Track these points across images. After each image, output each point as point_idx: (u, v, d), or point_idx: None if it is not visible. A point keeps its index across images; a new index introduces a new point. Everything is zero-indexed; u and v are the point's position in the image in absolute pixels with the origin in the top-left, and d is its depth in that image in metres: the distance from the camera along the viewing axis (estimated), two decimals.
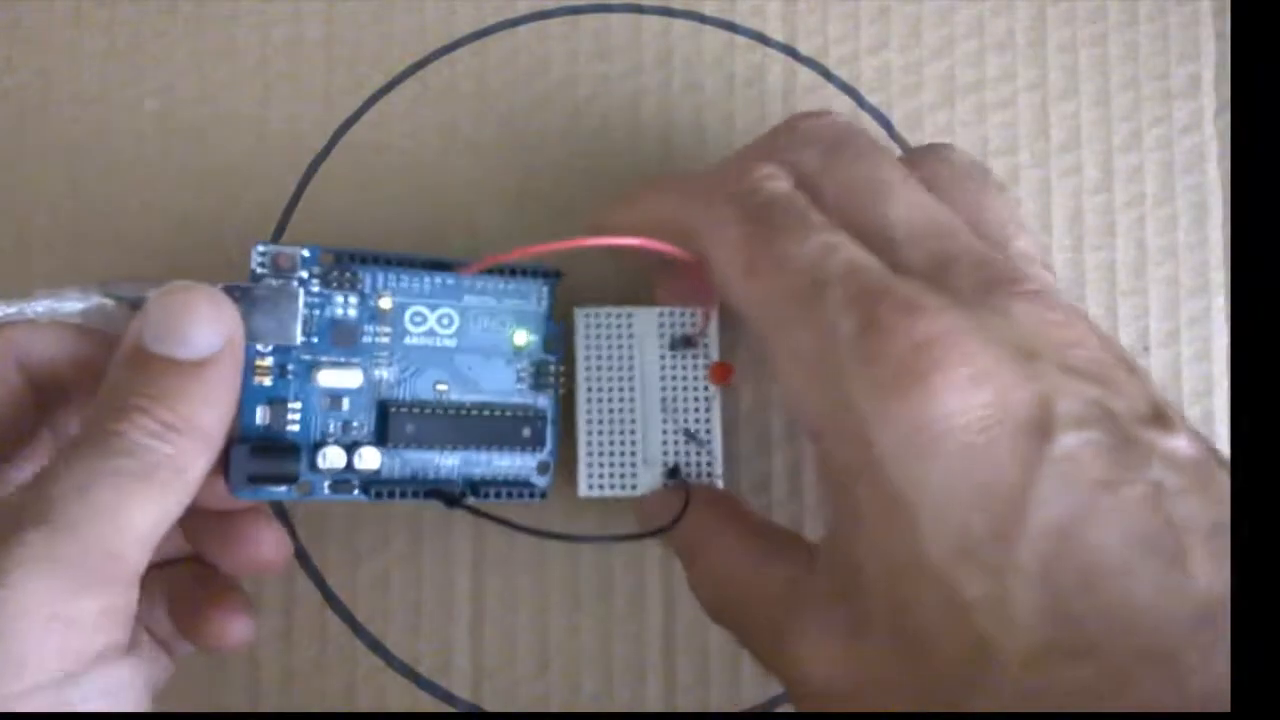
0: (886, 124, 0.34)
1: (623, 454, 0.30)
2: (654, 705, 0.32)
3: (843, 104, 0.34)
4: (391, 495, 0.28)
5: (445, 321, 0.29)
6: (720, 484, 0.30)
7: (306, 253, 0.27)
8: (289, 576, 0.32)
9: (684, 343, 0.30)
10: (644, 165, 0.33)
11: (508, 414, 0.29)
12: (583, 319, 0.30)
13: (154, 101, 0.32)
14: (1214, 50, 0.35)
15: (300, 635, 0.31)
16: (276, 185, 0.32)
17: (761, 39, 0.34)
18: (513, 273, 0.29)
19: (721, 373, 0.30)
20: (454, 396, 0.29)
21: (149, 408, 0.23)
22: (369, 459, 0.28)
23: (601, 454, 0.30)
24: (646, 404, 0.30)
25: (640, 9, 0.33)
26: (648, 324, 0.30)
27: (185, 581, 0.28)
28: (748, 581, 0.26)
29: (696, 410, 0.30)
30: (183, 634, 0.28)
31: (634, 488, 0.30)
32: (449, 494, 0.28)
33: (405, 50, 0.33)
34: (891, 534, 0.22)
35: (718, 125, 0.33)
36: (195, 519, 0.26)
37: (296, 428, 0.27)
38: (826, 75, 0.34)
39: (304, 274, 0.27)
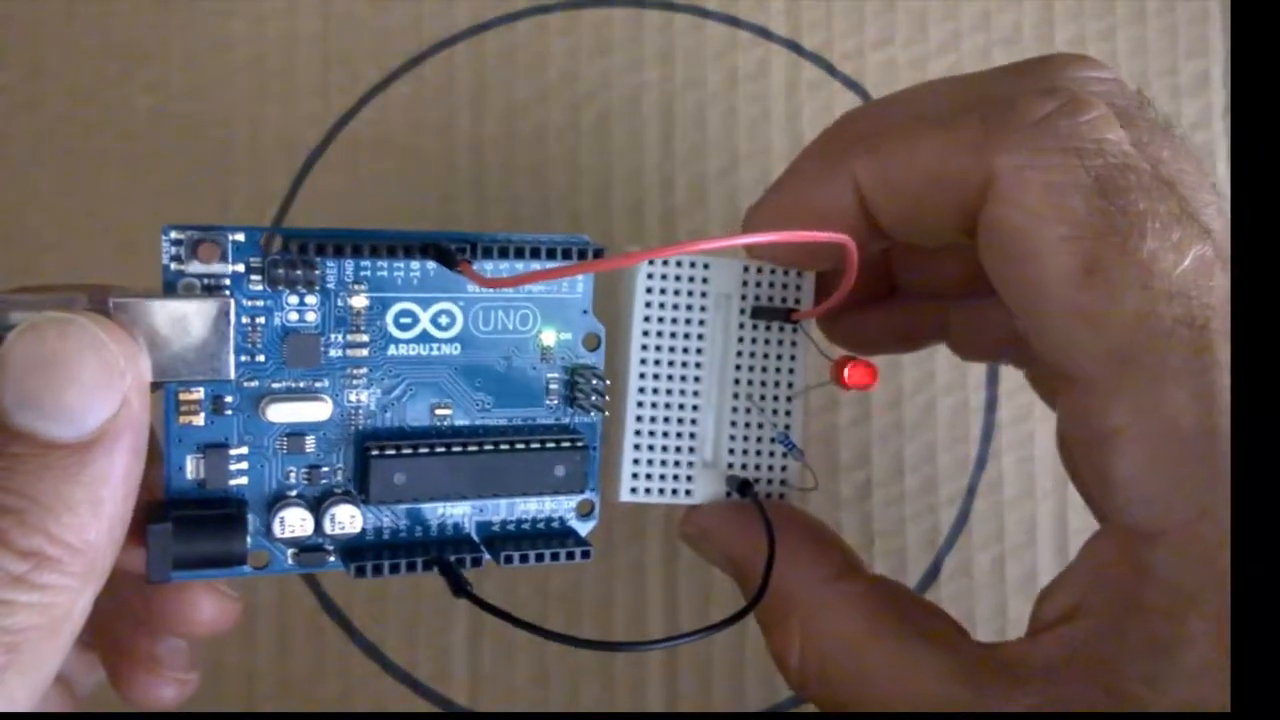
0: None
1: (679, 450, 0.24)
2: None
3: (847, 100, 0.33)
4: (379, 571, 0.21)
5: (444, 321, 0.22)
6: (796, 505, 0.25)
7: (241, 236, 0.20)
8: (284, 581, 0.31)
9: (772, 314, 0.24)
10: (645, 162, 0.33)
11: (534, 445, 0.22)
12: (644, 266, 0.23)
13: (147, 97, 0.32)
14: (1223, 46, 0.34)
15: (296, 642, 0.31)
16: (272, 183, 0.32)
17: (764, 34, 0.33)
18: (534, 252, 0.22)
19: (857, 374, 0.23)
20: (461, 423, 0.22)
21: (5, 530, 0.16)
22: (346, 520, 0.21)
23: (653, 449, 0.23)
24: (715, 387, 0.24)
25: (641, 3, 0.33)
26: (728, 280, 0.23)
27: (118, 620, 0.23)
28: (885, 667, 0.20)
29: (775, 403, 0.24)
30: (110, 679, 0.23)
31: (688, 494, 0.24)
32: (456, 573, 0.21)
33: (402, 45, 0.32)
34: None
35: (720, 121, 0.33)
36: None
37: (243, 480, 0.21)
38: (831, 71, 0.33)
39: (238, 268, 0.20)
